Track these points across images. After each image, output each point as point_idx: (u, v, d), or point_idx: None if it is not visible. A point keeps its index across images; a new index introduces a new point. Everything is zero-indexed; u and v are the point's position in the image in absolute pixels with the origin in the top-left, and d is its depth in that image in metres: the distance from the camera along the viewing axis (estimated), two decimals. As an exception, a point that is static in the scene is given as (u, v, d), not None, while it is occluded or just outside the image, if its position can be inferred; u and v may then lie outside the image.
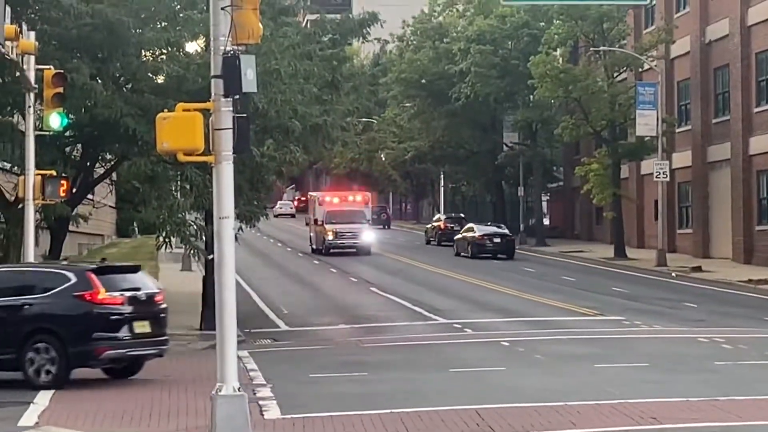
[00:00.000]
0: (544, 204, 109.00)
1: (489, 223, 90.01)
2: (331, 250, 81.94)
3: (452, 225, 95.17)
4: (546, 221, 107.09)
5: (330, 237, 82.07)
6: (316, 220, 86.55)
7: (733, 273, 64.07)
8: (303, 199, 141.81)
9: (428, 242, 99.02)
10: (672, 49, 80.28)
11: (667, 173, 72.95)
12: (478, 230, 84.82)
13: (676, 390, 25.14)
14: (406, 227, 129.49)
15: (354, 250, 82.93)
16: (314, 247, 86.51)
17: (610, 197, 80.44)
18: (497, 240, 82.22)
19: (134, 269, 29.76)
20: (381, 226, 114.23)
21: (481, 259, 77.96)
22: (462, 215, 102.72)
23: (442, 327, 41.90)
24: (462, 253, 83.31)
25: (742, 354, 32.15)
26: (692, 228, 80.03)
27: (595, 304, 49.15)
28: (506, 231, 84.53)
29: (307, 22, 55.03)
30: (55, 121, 32.24)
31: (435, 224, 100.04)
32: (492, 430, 20.49)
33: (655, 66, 78.81)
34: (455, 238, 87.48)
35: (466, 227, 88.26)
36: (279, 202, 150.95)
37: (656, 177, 72.85)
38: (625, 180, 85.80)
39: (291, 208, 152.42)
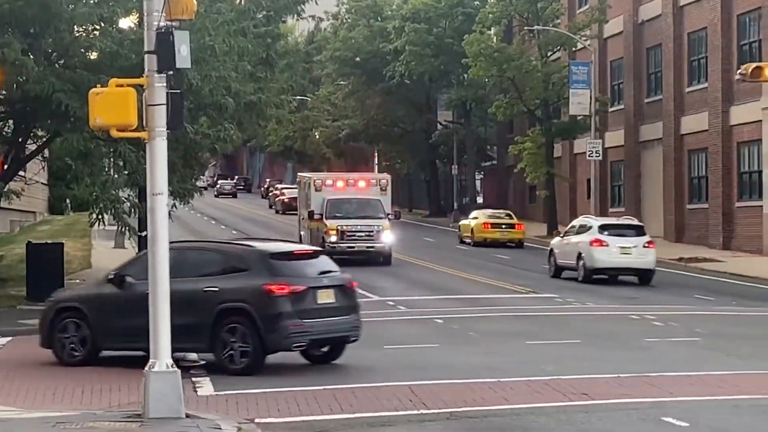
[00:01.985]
0: (478, 182, 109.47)
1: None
2: (334, 257, 50.65)
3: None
4: (479, 199, 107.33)
5: (333, 238, 56.10)
6: (311, 213, 59.42)
7: (664, 251, 64.30)
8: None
9: None
10: (605, 29, 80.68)
11: (600, 152, 73.37)
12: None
13: (607, 366, 25.29)
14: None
15: (367, 256, 57.64)
16: None
17: (544, 176, 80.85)
18: None
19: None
20: None
21: (416, 238, 77.80)
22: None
23: (376, 304, 41.82)
24: None
25: (672, 331, 32.43)
26: (624, 207, 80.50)
27: (529, 282, 49.36)
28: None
29: (241, -1, 54.67)
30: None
31: None
32: (425, 406, 20.53)
33: (589, 45, 79.19)
34: None
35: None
36: (220, 180, 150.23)
37: (589, 156, 73.30)
38: (558, 159, 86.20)
39: (232, 187, 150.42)
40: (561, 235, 55.37)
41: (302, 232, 62.42)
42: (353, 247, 56.09)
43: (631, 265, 49.71)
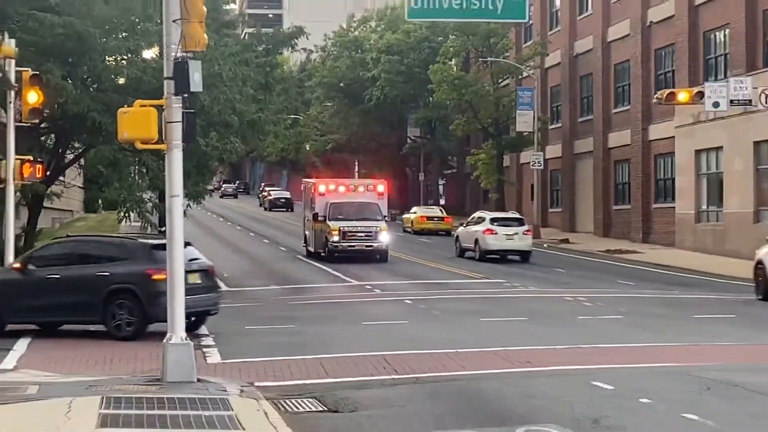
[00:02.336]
0: (441, 187, 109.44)
1: None
2: (336, 255, 53.36)
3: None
4: (442, 201, 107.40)
5: (335, 238, 52.81)
6: (315, 215, 55.11)
7: (594, 244, 64.75)
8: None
9: None
10: (546, 61, 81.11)
11: (542, 162, 73.54)
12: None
13: (546, 339, 25.35)
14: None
15: (366, 255, 53.63)
16: (312, 249, 56.68)
17: (495, 182, 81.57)
18: None
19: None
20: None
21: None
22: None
23: (356, 288, 41.90)
24: None
25: (600, 310, 32.43)
26: (561, 207, 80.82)
27: (483, 270, 49.34)
28: None
29: (245, 34, 54.62)
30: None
31: None
32: (396, 372, 20.62)
33: (532, 74, 79.52)
34: None
35: None
36: (224, 184, 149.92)
37: (532, 165, 73.61)
38: (507, 168, 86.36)
39: (233, 190, 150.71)
40: (464, 225, 58.69)
41: (307, 232, 57.95)
42: (354, 246, 52.82)
43: (514, 247, 54.73)
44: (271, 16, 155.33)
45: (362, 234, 52.91)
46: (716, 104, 43.37)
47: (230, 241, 71.02)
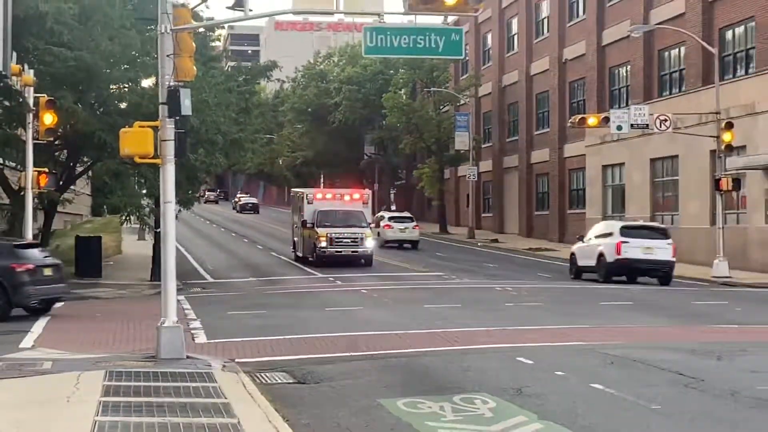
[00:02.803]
0: (392, 196, 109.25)
1: None
2: (324, 260, 47.79)
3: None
4: (393, 208, 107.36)
5: (323, 244, 47.53)
6: (304, 222, 49.87)
7: (519, 244, 64.99)
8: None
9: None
10: (479, 90, 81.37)
11: (476, 175, 73.94)
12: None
13: (479, 322, 25.41)
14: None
15: (352, 259, 48.31)
16: (300, 254, 51.14)
17: (437, 191, 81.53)
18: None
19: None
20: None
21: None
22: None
23: (320, 279, 41.85)
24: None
25: (523, 298, 32.50)
26: (492, 213, 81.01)
27: (425, 265, 49.46)
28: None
29: (228, 67, 54.45)
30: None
31: None
32: (353, 350, 20.60)
33: (468, 102, 79.81)
34: None
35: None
36: (207, 192, 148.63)
37: (468, 178, 73.93)
38: (447, 179, 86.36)
39: (215, 197, 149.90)
40: (375, 225, 60.45)
41: (296, 238, 52.41)
42: (340, 252, 47.33)
43: (405, 238, 62.33)
44: (249, 52, 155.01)
45: (348, 240, 47.81)
46: (619, 127, 43.74)
47: (214, 240, 70.84)
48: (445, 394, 15.42)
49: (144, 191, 39.72)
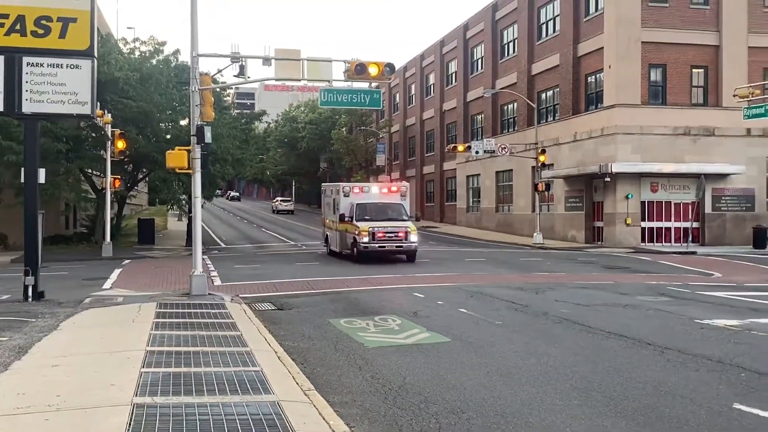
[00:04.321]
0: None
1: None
2: (367, 256, 29.57)
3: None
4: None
5: (365, 239, 29.33)
6: (342, 216, 31.41)
7: (418, 224, 64.82)
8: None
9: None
10: (392, 129, 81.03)
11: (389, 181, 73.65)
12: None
13: (392, 272, 25.28)
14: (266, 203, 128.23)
15: (396, 254, 30.26)
16: (336, 249, 32.65)
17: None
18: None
19: None
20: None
21: (311, 218, 77.28)
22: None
23: (292, 245, 41.64)
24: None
25: (418, 257, 32.37)
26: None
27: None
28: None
29: (234, 113, 53.99)
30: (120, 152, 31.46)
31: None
32: (312, 289, 20.45)
33: (384, 135, 79.38)
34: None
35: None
36: (230, 192, 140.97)
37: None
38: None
39: (222, 193, 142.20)
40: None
41: (328, 233, 34.09)
42: (384, 247, 29.24)
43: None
44: (248, 103, 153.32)
45: (392, 234, 29.41)
46: (477, 152, 44.13)
47: (224, 220, 70.06)
48: (369, 316, 15.52)
49: (182, 190, 39.30)
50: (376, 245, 28.89)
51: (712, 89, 40.23)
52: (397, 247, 29.05)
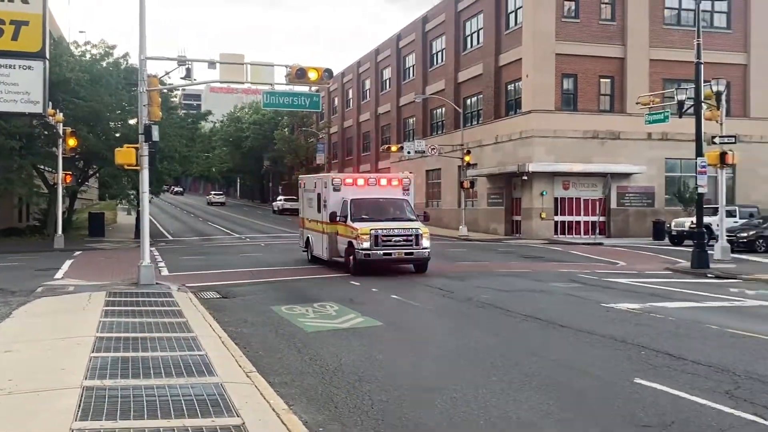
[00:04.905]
0: (280, 189, 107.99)
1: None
2: (367, 266, 19.93)
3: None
4: (280, 197, 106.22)
5: (365, 244, 19.50)
6: (333, 215, 20.96)
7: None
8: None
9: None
10: (331, 129, 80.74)
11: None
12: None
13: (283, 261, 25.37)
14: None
15: (407, 264, 20.57)
16: (323, 256, 22.36)
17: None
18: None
19: None
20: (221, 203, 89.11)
21: (253, 211, 76.48)
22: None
23: (236, 238, 40.99)
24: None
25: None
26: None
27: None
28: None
29: (181, 113, 52.98)
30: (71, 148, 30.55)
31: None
32: (256, 278, 20.27)
33: (323, 136, 79.04)
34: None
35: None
36: (174, 188, 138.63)
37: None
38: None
39: (168, 189, 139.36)
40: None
41: (310, 236, 24.48)
42: (391, 255, 20.15)
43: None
44: (195, 104, 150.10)
45: (400, 238, 20.32)
46: (409, 152, 44.35)
47: (171, 214, 68.67)
48: (309, 303, 15.48)
49: (130, 185, 38.34)
50: (380, 252, 20.22)
51: (617, 97, 41.45)
52: (406, 254, 20.40)
